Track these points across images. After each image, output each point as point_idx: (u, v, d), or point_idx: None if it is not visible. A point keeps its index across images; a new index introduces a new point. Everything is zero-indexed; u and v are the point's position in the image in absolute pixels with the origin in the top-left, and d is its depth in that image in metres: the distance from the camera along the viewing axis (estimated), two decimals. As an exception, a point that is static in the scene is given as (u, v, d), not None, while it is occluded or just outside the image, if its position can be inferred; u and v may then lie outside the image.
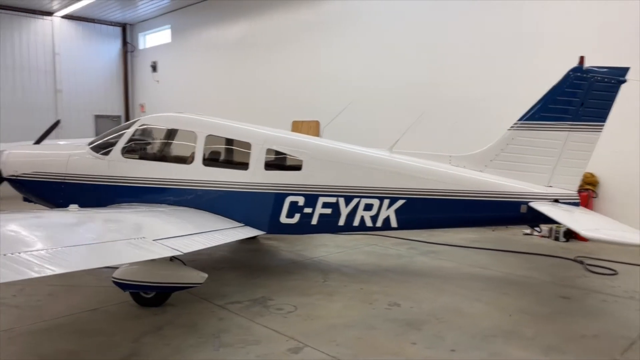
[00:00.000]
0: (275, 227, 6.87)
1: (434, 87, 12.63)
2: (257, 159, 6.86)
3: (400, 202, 6.73)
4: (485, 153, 6.98)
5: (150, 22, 23.22)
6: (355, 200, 6.76)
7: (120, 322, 5.36)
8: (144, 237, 4.42)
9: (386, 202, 6.74)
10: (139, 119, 7.51)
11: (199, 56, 20.41)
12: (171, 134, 7.26)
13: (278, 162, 6.98)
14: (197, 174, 6.95)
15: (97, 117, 24.01)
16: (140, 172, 7.08)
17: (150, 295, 5.79)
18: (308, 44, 15.81)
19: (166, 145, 7.30)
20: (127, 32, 24.45)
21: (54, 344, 4.79)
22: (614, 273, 7.39)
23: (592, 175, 10.00)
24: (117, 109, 24.70)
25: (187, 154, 7.11)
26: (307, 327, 5.24)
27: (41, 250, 3.76)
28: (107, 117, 24.30)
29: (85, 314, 5.62)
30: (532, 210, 6.44)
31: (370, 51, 14.10)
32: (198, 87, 20.33)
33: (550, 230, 9.83)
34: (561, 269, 7.61)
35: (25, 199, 8.10)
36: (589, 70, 6.61)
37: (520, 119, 6.84)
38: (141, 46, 24.13)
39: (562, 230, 9.65)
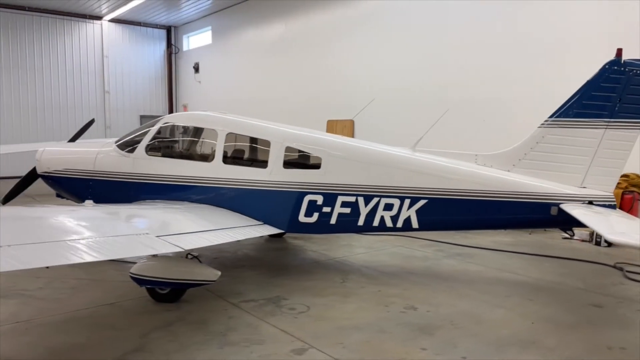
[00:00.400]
0: (294, 226, 6.80)
1: (467, 87, 12.20)
2: (276, 157, 6.81)
3: (421, 202, 6.50)
4: (514, 152, 6.64)
5: (193, 24, 23.71)
6: (375, 200, 6.59)
7: (133, 317, 5.43)
8: (147, 234, 4.43)
9: (407, 202, 6.53)
10: (163, 117, 7.62)
11: (237, 56, 20.66)
12: (193, 132, 7.34)
13: (297, 160, 6.91)
14: (217, 171, 6.96)
15: (142, 117, 24.74)
16: (163, 169, 7.17)
17: (165, 291, 5.85)
18: (345, 44, 15.64)
19: (188, 143, 7.38)
20: (171, 34, 25.07)
21: (65, 337, 4.90)
22: (657, 281, 6.87)
23: (637, 176, 9.37)
24: (162, 109, 25.35)
25: (207, 151, 7.16)
26: (316, 328, 5.13)
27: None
28: (152, 117, 24.94)
29: (103, 308, 5.73)
30: (563, 213, 6.06)
31: (406, 51, 13.79)
32: (237, 87, 20.58)
33: (592, 234, 9.28)
34: (598, 276, 7.14)
35: (58, 195, 8.39)
36: (627, 64, 6.17)
37: (552, 116, 6.46)
38: (185, 48, 24.69)
39: (603, 234, 9.08)
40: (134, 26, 24.12)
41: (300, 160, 6.90)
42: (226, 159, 6.99)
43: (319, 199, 6.69)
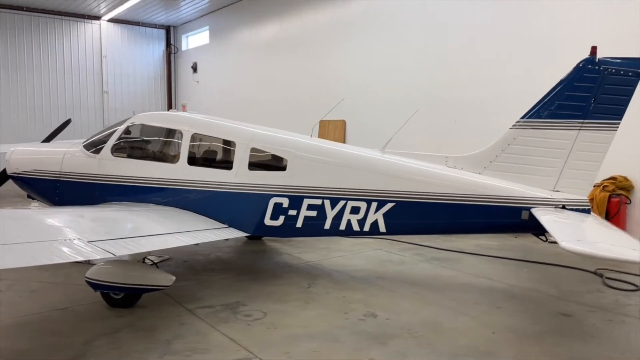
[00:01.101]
0: (259, 229, 6.63)
1: (461, 88, 11.94)
2: (241, 158, 6.65)
3: (389, 206, 6.30)
4: (485, 154, 6.40)
5: (192, 23, 23.65)
6: (341, 203, 6.39)
7: (82, 323, 5.29)
8: (78, 239, 4.28)
9: (374, 205, 6.33)
10: (129, 117, 7.48)
11: (234, 56, 20.55)
12: (158, 132, 7.20)
13: (262, 161, 6.74)
14: (183, 173, 6.83)
15: (142, 117, 24.71)
16: (129, 170, 7.05)
17: (119, 296, 5.70)
18: (339, 44, 15.41)
19: (153, 143, 7.24)
20: (170, 34, 25.03)
21: (8, 342, 4.78)
22: (636, 289, 6.60)
23: (625, 179, 9.07)
24: (161, 109, 25.31)
25: (173, 152, 7.01)
26: (267, 337, 4.95)
27: None
28: (151, 117, 24.97)
29: (55, 313, 5.60)
30: (534, 218, 5.81)
31: (398, 51, 13.53)
32: (234, 87, 20.44)
33: (577, 238, 8.99)
34: (575, 283, 6.88)
35: (29, 196, 8.30)
36: (603, 62, 5.91)
37: (524, 117, 6.21)
38: (184, 47, 24.63)
39: (589, 239, 8.81)
40: (133, 26, 24.11)
41: (265, 162, 6.73)
42: (191, 160, 6.83)
43: (285, 202, 6.52)
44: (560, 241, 4.18)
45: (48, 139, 8.93)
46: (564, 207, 5.95)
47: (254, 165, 6.65)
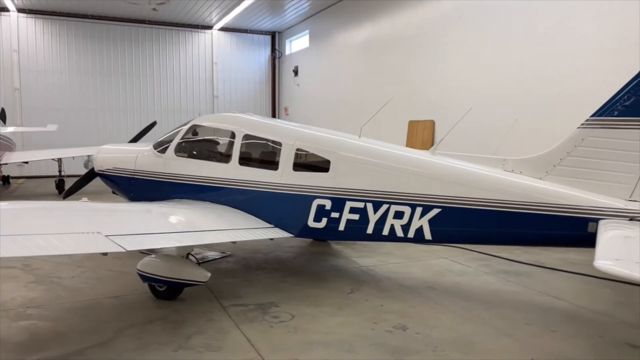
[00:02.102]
0: (303, 231, 6.56)
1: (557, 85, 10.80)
2: (286, 159, 6.64)
3: (434, 211, 5.87)
4: (548, 157, 5.69)
5: (294, 28, 24.31)
6: (384, 207, 6.09)
7: (124, 312, 5.64)
8: (99, 232, 4.53)
9: (419, 210, 5.94)
10: (193, 119, 7.83)
11: (332, 59, 20.71)
12: (215, 133, 7.44)
13: (307, 162, 6.66)
14: (234, 173, 6.99)
15: (247, 119, 25.96)
16: (188, 169, 7.39)
17: (163, 288, 5.99)
18: (432, 44, 14.78)
19: (209, 144, 7.50)
20: (275, 39, 25.98)
21: (52, 323, 5.24)
22: None
23: None
24: (266, 112, 26.40)
25: (226, 153, 7.20)
26: (283, 340, 4.86)
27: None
28: (256, 119, 26.15)
29: (107, 300, 6.05)
30: (603, 230, 5.04)
31: (490, 54, 12.60)
32: (332, 89, 20.55)
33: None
34: (664, 309, 5.84)
35: (113, 192, 9.07)
36: (694, 48, 4.95)
37: (595, 114, 5.42)
38: (287, 52, 25.41)
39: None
40: (241, 33, 25.41)
41: (309, 163, 6.64)
42: (242, 161, 6.97)
43: (327, 204, 6.38)
44: (596, 259, 3.54)
45: (135, 139, 9.70)
46: (632, 218, 5.08)
47: (298, 166, 6.60)
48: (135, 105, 23.56)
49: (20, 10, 21.32)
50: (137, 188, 8.07)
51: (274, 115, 26.38)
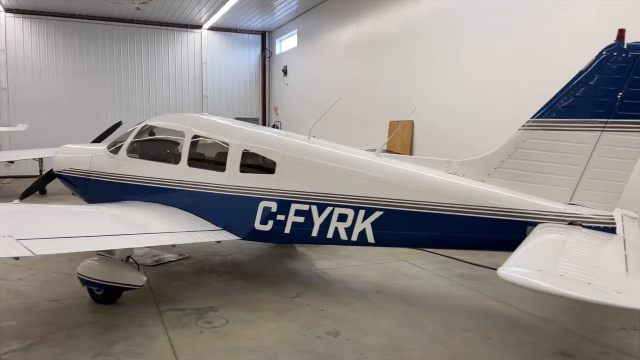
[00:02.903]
0: (250, 234, 6.44)
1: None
2: (233, 161, 6.53)
3: (377, 214, 5.75)
4: (489, 159, 5.55)
5: (284, 27, 24.18)
6: (328, 209, 5.98)
7: (58, 316, 5.54)
8: (10, 236, 4.42)
9: (362, 212, 5.82)
10: (145, 119, 7.73)
11: (320, 58, 20.58)
12: (165, 134, 7.34)
13: (253, 163, 6.55)
14: (183, 174, 6.89)
15: (237, 119, 25.78)
16: (139, 171, 7.29)
17: (100, 292, 5.89)
18: (413, 44, 14.61)
19: (161, 144, 7.40)
20: (266, 38, 25.86)
21: (-20, 329, 5.15)
22: (690, 330, 5.28)
23: None
24: (256, 112, 26.31)
25: (175, 153, 7.10)
26: (208, 347, 4.76)
27: None
28: (246, 119, 26.03)
29: (45, 304, 5.97)
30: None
31: (463, 55, 12.44)
32: (319, 89, 20.40)
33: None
34: (611, 317, 5.68)
35: (73, 193, 8.98)
36: (632, 47, 4.82)
37: (535, 116, 5.29)
38: (277, 52, 25.28)
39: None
40: (231, 33, 25.29)
41: (256, 164, 6.53)
42: (191, 162, 6.86)
43: (273, 206, 6.26)
44: (502, 267, 3.39)
45: (98, 140, 9.60)
46: (579, 223, 4.96)
47: (245, 167, 6.49)
48: (123, 105, 23.50)
49: (7, 9, 21.31)
50: (92, 189, 7.99)
51: (264, 116, 26.29)
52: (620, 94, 4.85)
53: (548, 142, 5.17)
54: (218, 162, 6.72)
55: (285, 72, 23.97)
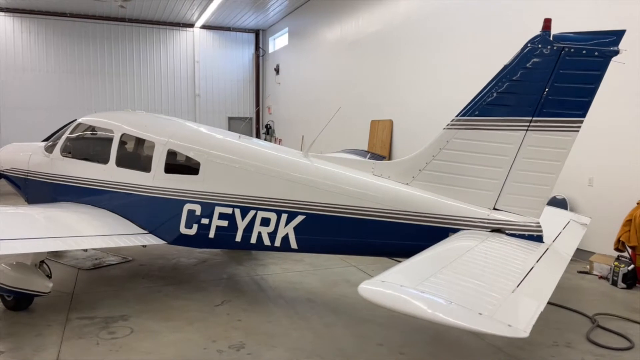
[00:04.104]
0: (176, 238, 6.12)
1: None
2: (158, 161, 6.22)
3: (299, 218, 5.40)
4: (415, 160, 5.15)
5: (277, 25, 23.88)
6: (251, 213, 5.63)
7: (-42, 323, 5.28)
8: None
9: (284, 216, 5.47)
10: (77, 118, 7.47)
11: (309, 57, 20.23)
12: (96, 133, 7.05)
13: (178, 164, 6.23)
14: (111, 174, 6.60)
15: (231, 118, 25.66)
16: (71, 170, 7.03)
17: (10, 298, 5.62)
18: (395, 42, 14.17)
19: (92, 144, 7.12)
20: (259, 37, 25.57)
21: None
22: (628, 347, 4.84)
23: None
24: (249, 111, 26.05)
25: (105, 153, 6.78)
26: (95, 360, 4.45)
27: None
28: (240, 118, 25.82)
29: (-46, 310, 5.69)
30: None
31: (441, 57, 11.99)
32: (309, 87, 20.03)
33: (610, 269, 7.03)
34: (548, 330, 5.25)
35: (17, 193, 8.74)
36: (559, 38, 4.40)
37: (460, 114, 4.88)
38: (271, 50, 24.98)
39: (621, 271, 6.82)
40: (224, 31, 25.05)
41: (180, 164, 6.21)
42: (119, 162, 6.57)
43: (197, 209, 5.94)
44: (365, 282, 3.02)
45: (48, 138, 9.35)
46: (498, 230, 4.55)
47: (170, 168, 6.17)
48: (115, 104, 23.37)
49: (-1, 9, 21.30)
50: (30, 189, 7.76)
51: (258, 115, 26.01)
52: (545, 89, 4.44)
53: (471, 142, 4.77)
54: (144, 162, 6.41)
55: (277, 70, 23.67)
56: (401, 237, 4.96)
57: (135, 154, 6.70)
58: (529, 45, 4.51)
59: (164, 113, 23.70)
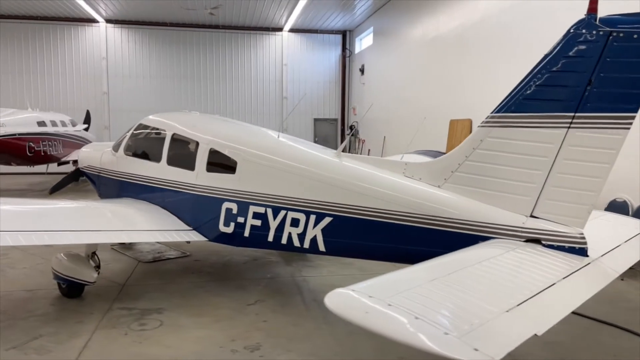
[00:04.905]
0: (216, 236, 6.22)
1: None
2: (201, 160, 6.37)
3: (327, 220, 5.23)
4: (447, 161, 4.76)
5: (363, 25, 23.74)
6: (282, 213, 5.57)
7: (15, 305, 5.81)
8: None
9: (312, 218, 5.34)
10: (144, 119, 7.86)
11: (391, 56, 19.84)
12: (152, 133, 7.38)
13: (218, 163, 6.30)
14: (162, 172, 6.88)
15: (316, 120, 25.95)
16: (131, 168, 7.44)
17: (64, 286, 6.06)
18: (476, 42, 13.42)
19: (147, 143, 7.45)
20: (346, 38, 25.58)
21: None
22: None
23: None
24: (335, 112, 26.15)
25: (158, 152, 7.07)
26: (115, 351, 4.66)
27: None
28: (325, 120, 26.03)
29: (19, 293, 6.29)
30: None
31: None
32: (394, 87, 19.60)
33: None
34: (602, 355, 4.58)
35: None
36: (607, 21, 3.82)
37: (495, 110, 4.43)
38: (357, 50, 24.87)
39: None
40: (311, 34, 25.41)
41: (220, 163, 6.28)
42: (169, 160, 6.83)
43: (234, 208, 6.00)
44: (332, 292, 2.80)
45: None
46: (536, 240, 4.06)
47: (211, 167, 6.29)
48: (208, 107, 24.60)
49: (108, 20, 23.38)
50: (101, 185, 8.34)
51: (343, 116, 25.99)
52: (590, 80, 3.87)
53: (506, 141, 4.30)
54: (190, 161, 6.59)
55: (362, 71, 23.52)
56: (427, 244, 4.58)
57: (182, 153, 6.92)
58: (571, 30, 3.96)
59: (253, 115, 24.72)
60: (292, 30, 24.94)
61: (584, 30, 3.88)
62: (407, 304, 2.65)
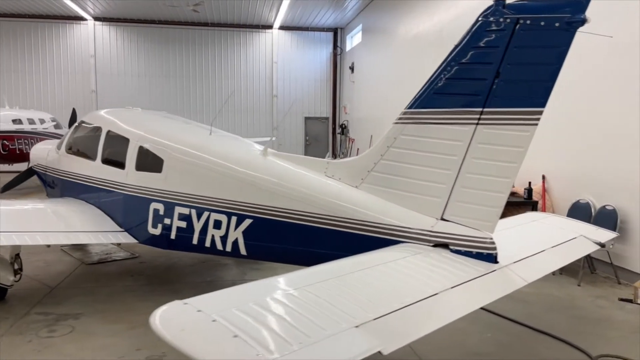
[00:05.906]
0: (145, 238, 5.97)
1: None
2: (130, 158, 6.12)
3: (247, 222, 4.96)
4: (365, 160, 4.47)
5: (353, 23, 23.39)
6: (205, 214, 5.30)
7: None
8: None
9: (234, 219, 5.06)
10: (86, 115, 7.62)
11: (380, 53, 19.48)
12: (89, 130, 7.13)
13: (146, 161, 6.03)
14: (98, 171, 6.64)
15: (307, 118, 25.64)
16: (71, 167, 7.21)
17: (-13, 289, 5.84)
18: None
19: (85, 141, 7.20)
20: (337, 36, 25.23)
21: None
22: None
23: None
24: (326, 111, 25.82)
25: (94, 151, 6.83)
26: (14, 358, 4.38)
27: None
28: (316, 118, 25.72)
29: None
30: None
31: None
32: (382, 85, 19.26)
33: (655, 299, 5.68)
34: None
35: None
36: (514, 7, 3.52)
37: (408, 106, 4.13)
38: (348, 48, 24.53)
39: (664, 303, 5.46)
40: (302, 31, 25.07)
41: (148, 162, 6.01)
42: (103, 159, 6.58)
43: (161, 208, 5.74)
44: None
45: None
46: (444, 245, 3.76)
47: (140, 165, 6.03)
48: (197, 105, 24.34)
49: (96, 18, 23.19)
50: (47, 184, 8.13)
51: (334, 115, 25.66)
52: (497, 73, 3.56)
53: (418, 139, 4.01)
54: (121, 159, 6.33)
55: (352, 69, 23.18)
56: (339, 248, 4.25)
57: (115, 151, 6.66)
58: (480, 19, 3.67)
59: (243, 113, 24.47)
60: (282, 27, 24.62)
61: (492, 18, 3.59)
62: (236, 319, 2.39)
